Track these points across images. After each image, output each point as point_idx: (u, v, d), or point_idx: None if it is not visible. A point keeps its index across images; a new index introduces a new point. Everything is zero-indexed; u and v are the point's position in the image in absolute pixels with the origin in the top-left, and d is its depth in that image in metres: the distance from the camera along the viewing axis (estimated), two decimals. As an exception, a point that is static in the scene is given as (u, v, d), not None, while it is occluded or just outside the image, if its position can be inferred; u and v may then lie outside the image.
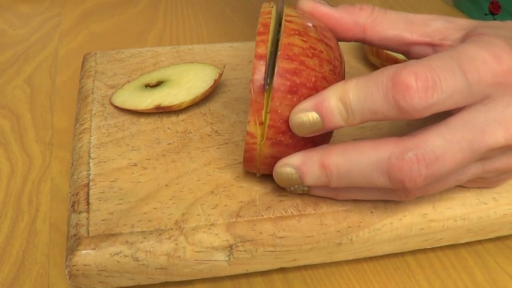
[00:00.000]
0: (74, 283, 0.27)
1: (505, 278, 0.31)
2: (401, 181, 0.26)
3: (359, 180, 0.27)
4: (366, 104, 0.26)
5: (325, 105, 0.27)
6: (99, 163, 0.32)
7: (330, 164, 0.27)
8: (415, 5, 0.63)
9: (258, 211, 0.29)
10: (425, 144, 0.26)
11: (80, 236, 0.28)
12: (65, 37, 0.55)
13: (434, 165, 0.26)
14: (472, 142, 0.26)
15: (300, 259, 0.30)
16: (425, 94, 0.25)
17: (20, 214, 0.35)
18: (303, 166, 0.28)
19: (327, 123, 0.27)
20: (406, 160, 0.26)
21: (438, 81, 0.25)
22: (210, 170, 0.32)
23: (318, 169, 0.28)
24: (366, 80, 0.27)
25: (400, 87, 0.25)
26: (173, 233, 0.28)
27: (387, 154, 0.26)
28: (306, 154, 0.28)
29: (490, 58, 0.27)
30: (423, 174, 0.26)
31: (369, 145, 0.27)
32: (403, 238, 0.30)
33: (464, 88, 0.26)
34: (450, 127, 0.27)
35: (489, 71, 0.27)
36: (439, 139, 0.26)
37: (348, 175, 0.27)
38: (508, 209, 0.31)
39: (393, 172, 0.26)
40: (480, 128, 0.27)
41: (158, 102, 0.36)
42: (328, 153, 0.28)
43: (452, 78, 0.26)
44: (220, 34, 0.56)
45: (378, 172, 0.26)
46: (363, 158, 0.27)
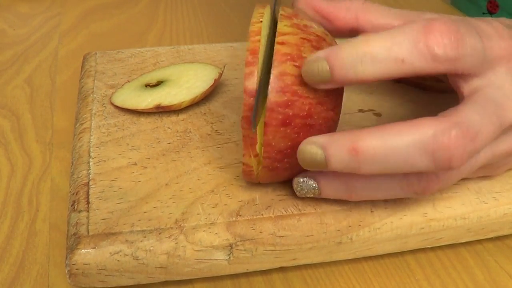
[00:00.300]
0: (74, 282, 0.27)
1: (505, 277, 0.31)
2: (448, 159, 0.25)
3: (397, 164, 0.25)
4: (393, 51, 0.25)
5: (339, 53, 0.26)
6: (99, 162, 0.32)
7: (364, 148, 0.25)
8: (413, 3, 0.63)
9: (258, 210, 0.29)
10: (466, 119, 0.25)
11: (80, 235, 0.28)
12: (65, 37, 0.55)
13: (477, 139, 0.25)
14: (499, 116, 0.27)
15: (300, 259, 0.30)
16: (456, 44, 0.26)
17: (20, 214, 0.35)
18: (330, 146, 0.26)
19: (337, 73, 0.26)
20: (454, 136, 0.25)
21: (464, 36, 0.26)
22: (210, 169, 0.32)
23: (347, 154, 0.26)
24: (390, 31, 0.26)
25: (434, 34, 0.25)
26: (173, 232, 0.28)
27: (430, 132, 0.25)
28: (334, 135, 0.27)
29: (494, 32, 0.28)
30: (468, 150, 0.25)
31: (408, 124, 0.25)
32: (403, 238, 0.30)
33: (480, 50, 0.27)
34: (479, 103, 0.27)
35: (496, 43, 0.28)
36: (474, 113, 0.26)
37: (385, 159, 0.25)
38: (508, 209, 0.31)
39: (440, 151, 0.25)
40: (500, 103, 0.27)
41: (158, 101, 0.36)
42: (359, 136, 0.26)
43: (474, 38, 0.27)
44: (220, 34, 0.56)
45: (421, 153, 0.25)
46: (402, 139, 0.25)
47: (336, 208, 0.30)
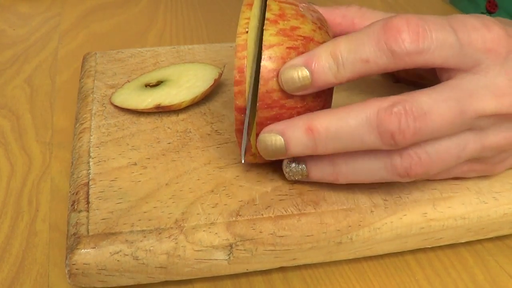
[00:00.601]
0: (74, 282, 0.27)
1: (505, 277, 0.31)
2: (391, 135, 0.26)
3: (349, 141, 0.27)
4: (358, 53, 0.27)
5: (315, 59, 0.27)
6: (99, 162, 0.32)
7: (317, 125, 0.27)
8: (413, 2, 0.63)
9: (258, 210, 0.29)
10: (412, 99, 0.26)
11: (80, 235, 0.28)
12: (65, 37, 0.55)
13: (422, 118, 0.26)
14: (459, 101, 0.27)
15: (300, 258, 0.30)
16: (416, 37, 0.26)
17: (20, 214, 0.35)
18: (287, 130, 0.28)
19: (316, 78, 0.27)
20: (394, 112, 0.26)
21: (429, 30, 0.26)
22: (210, 169, 0.32)
23: (304, 134, 0.28)
24: (356, 33, 0.27)
25: (392, 31, 0.26)
26: (173, 232, 0.28)
27: (375, 109, 0.26)
28: (290, 120, 0.28)
29: (480, 26, 0.28)
30: (411, 126, 0.26)
31: (357, 105, 0.27)
32: (403, 237, 0.30)
33: (454, 43, 0.27)
34: (437, 90, 0.27)
35: (480, 36, 0.28)
36: (425, 96, 0.27)
37: (337, 136, 0.27)
38: (508, 209, 0.31)
39: (383, 126, 0.26)
40: (468, 93, 0.27)
41: (158, 101, 0.36)
42: (314, 117, 0.28)
43: (443, 31, 0.27)
44: (220, 34, 0.56)
45: (368, 129, 0.26)
46: (351, 116, 0.27)
47: (336, 208, 0.30)
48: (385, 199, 0.30)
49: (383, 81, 0.41)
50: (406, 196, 0.31)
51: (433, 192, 0.31)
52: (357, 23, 0.32)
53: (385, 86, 0.41)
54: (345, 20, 0.32)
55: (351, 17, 0.32)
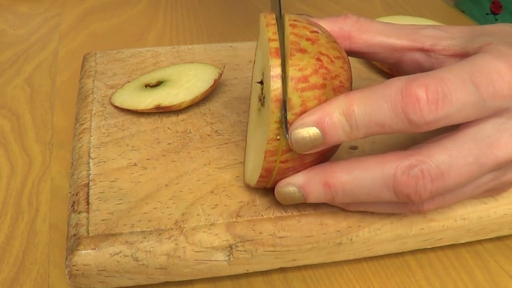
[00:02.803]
0: (74, 283, 0.27)
1: (505, 278, 0.31)
2: (407, 196, 0.26)
3: (365, 197, 0.27)
4: (373, 117, 0.25)
5: (327, 120, 0.26)
6: (99, 163, 0.32)
7: (335, 182, 0.27)
8: (415, 4, 0.63)
9: (258, 211, 0.29)
10: (430, 160, 0.26)
11: (80, 236, 0.28)
12: (65, 37, 0.55)
13: (439, 180, 0.26)
14: (479, 156, 0.26)
15: (300, 259, 0.30)
16: (435, 106, 0.25)
17: (20, 214, 0.35)
18: (307, 185, 0.28)
19: (329, 138, 0.26)
20: (411, 176, 0.25)
21: (449, 94, 0.25)
22: (210, 170, 0.32)
23: (322, 188, 0.27)
24: (372, 92, 0.26)
25: (410, 99, 0.25)
26: (173, 233, 0.28)
27: (392, 171, 0.26)
28: (309, 173, 0.28)
29: (506, 69, 0.26)
30: (428, 189, 0.26)
31: (374, 161, 0.26)
32: (403, 238, 0.30)
33: (476, 101, 0.25)
34: (457, 142, 0.26)
35: (506, 84, 0.26)
36: (444, 154, 0.26)
37: (353, 192, 0.27)
38: (508, 209, 0.31)
39: (399, 188, 0.26)
40: (489, 142, 0.26)
41: (158, 102, 0.36)
42: (331, 172, 0.27)
43: (463, 91, 0.25)
44: (220, 34, 0.56)
45: (384, 188, 0.26)
46: (368, 174, 0.26)
47: (336, 209, 0.30)
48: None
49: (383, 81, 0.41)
50: (406, 197, 0.31)
51: (433, 192, 0.31)
52: (354, 36, 0.31)
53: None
54: (342, 34, 0.31)
55: (348, 30, 0.31)
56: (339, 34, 0.31)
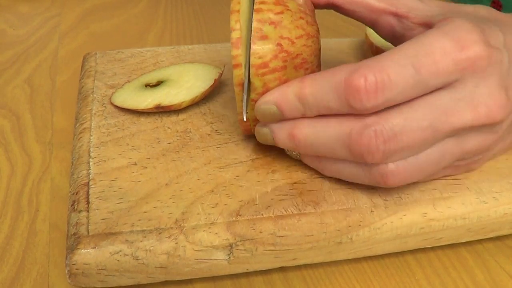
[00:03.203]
0: (74, 282, 0.27)
1: (505, 277, 0.31)
2: (361, 154, 0.28)
3: (324, 151, 0.29)
4: (321, 101, 0.28)
5: (283, 100, 0.29)
6: (99, 162, 0.32)
7: (298, 134, 0.30)
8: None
9: (258, 210, 0.29)
10: (385, 122, 0.27)
11: (80, 235, 0.28)
12: (65, 37, 0.55)
13: (392, 141, 0.27)
14: (434, 122, 0.27)
15: (300, 258, 0.30)
16: (374, 95, 0.27)
17: (20, 214, 0.35)
18: (276, 131, 0.31)
19: (286, 115, 0.30)
20: (365, 135, 0.27)
21: (388, 82, 0.27)
22: (210, 169, 0.32)
23: (287, 138, 0.30)
24: (322, 78, 0.28)
25: (351, 89, 0.27)
26: (173, 232, 0.28)
27: (348, 130, 0.28)
28: (279, 123, 0.31)
29: (453, 46, 0.27)
30: (381, 149, 0.27)
31: (335, 119, 0.29)
32: (403, 237, 0.30)
33: (416, 83, 0.27)
34: (413, 107, 0.28)
35: (451, 61, 0.27)
36: (399, 117, 0.27)
37: (313, 145, 0.29)
38: (508, 208, 0.31)
39: (353, 146, 0.28)
40: (444, 109, 0.28)
41: (158, 101, 0.36)
42: (296, 124, 0.30)
43: (401, 76, 0.27)
44: (220, 34, 0.56)
45: (340, 145, 0.28)
46: (328, 130, 0.29)
47: (336, 208, 0.30)
48: (385, 199, 0.30)
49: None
50: (406, 196, 0.31)
51: (433, 192, 0.31)
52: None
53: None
54: None
55: None
56: None
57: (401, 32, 0.33)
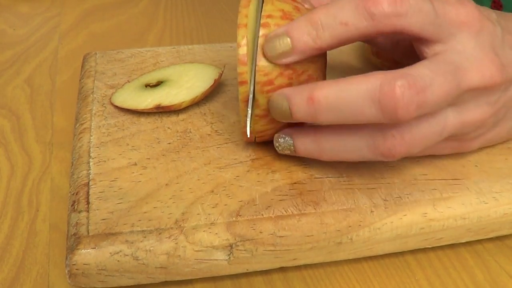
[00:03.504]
0: (74, 283, 0.27)
1: (505, 278, 0.31)
2: (394, 108, 0.26)
3: (349, 113, 0.27)
4: (337, 17, 0.27)
5: (294, 26, 0.28)
6: (99, 163, 0.32)
7: (319, 95, 0.27)
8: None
9: (258, 210, 0.29)
10: (415, 72, 0.26)
11: (80, 235, 0.28)
12: (65, 37, 0.55)
13: (425, 92, 0.26)
14: (455, 75, 0.28)
15: (300, 259, 0.30)
16: (394, 1, 0.26)
17: (20, 214, 0.35)
18: (292, 97, 0.28)
19: (296, 43, 0.28)
20: (398, 86, 0.26)
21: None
22: (210, 169, 0.32)
23: (305, 103, 0.28)
24: (335, 1, 0.28)
25: None
26: (173, 232, 0.28)
27: (378, 82, 0.26)
28: (298, 87, 0.29)
29: (455, 1, 0.29)
30: (415, 100, 0.26)
31: (359, 76, 0.27)
32: (403, 238, 0.30)
33: (430, 11, 0.28)
34: (434, 61, 0.28)
35: (454, 9, 0.29)
36: (426, 69, 0.27)
37: (337, 106, 0.27)
38: (508, 209, 0.31)
39: (385, 100, 0.26)
40: (461, 66, 0.28)
41: (158, 101, 0.36)
42: (317, 86, 0.28)
43: (422, 2, 0.27)
44: (220, 34, 0.56)
45: (369, 102, 0.26)
46: (353, 87, 0.27)
47: (336, 208, 0.30)
48: (385, 199, 0.30)
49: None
50: (406, 196, 0.31)
51: (433, 192, 0.31)
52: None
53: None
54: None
55: None
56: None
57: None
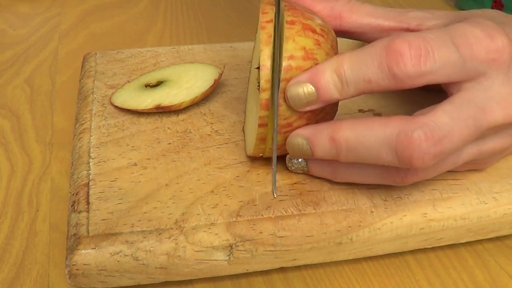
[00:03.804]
0: (74, 283, 0.27)
1: (505, 278, 0.31)
2: (409, 158, 0.26)
3: (367, 156, 0.28)
4: (361, 73, 0.27)
5: (319, 76, 0.28)
6: (99, 163, 0.32)
7: (340, 137, 0.28)
8: (415, 5, 0.63)
9: (258, 210, 0.29)
10: (433, 122, 0.26)
11: (80, 236, 0.28)
12: (65, 37, 0.55)
13: (442, 142, 0.26)
14: (476, 119, 0.27)
15: (300, 259, 0.30)
16: (418, 61, 0.26)
17: (20, 214, 0.35)
18: (314, 138, 0.29)
19: (322, 94, 0.28)
20: (415, 137, 0.26)
21: (431, 51, 0.26)
22: (210, 169, 0.32)
23: (328, 142, 0.28)
24: (360, 51, 0.27)
25: (394, 54, 0.26)
26: (173, 233, 0.28)
27: (395, 131, 0.26)
28: (317, 126, 0.29)
29: (483, 35, 0.27)
30: (432, 152, 0.26)
31: (378, 121, 0.27)
32: (403, 238, 0.30)
33: (457, 60, 0.27)
34: (455, 105, 0.27)
35: (483, 47, 0.27)
36: (446, 116, 0.26)
37: (357, 149, 0.28)
38: (508, 209, 0.31)
39: (401, 149, 0.26)
40: (482, 106, 0.27)
41: (158, 102, 0.36)
42: (338, 127, 0.28)
43: (445, 50, 0.26)
44: (220, 34, 0.56)
45: (386, 148, 0.27)
46: (372, 133, 0.27)
47: (336, 208, 0.30)
48: (385, 200, 0.30)
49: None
50: (406, 197, 0.31)
51: (433, 192, 0.31)
52: (345, 16, 0.32)
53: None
54: (333, 13, 0.32)
55: (339, 10, 0.32)
56: (330, 13, 0.33)
57: None
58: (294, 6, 0.31)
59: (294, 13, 0.30)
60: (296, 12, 0.30)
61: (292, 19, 0.30)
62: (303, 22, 0.30)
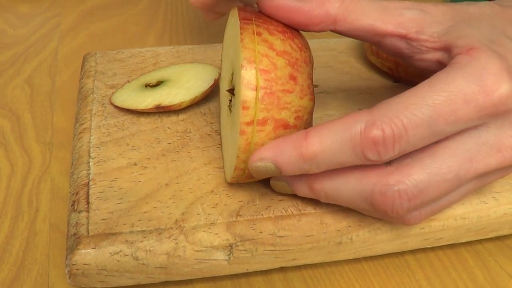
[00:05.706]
0: (74, 283, 0.27)
1: (505, 278, 0.31)
2: (385, 212, 0.27)
3: (347, 204, 0.28)
4: (334, 158, 0.26)
5: (284, 160, 0.27)
6: (99, 163, 0.32)
7: (319, 188, 0.28)
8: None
9: (258, 210, 0.29)
10: (408, 179, 0.26)
11: (80, 235, 0.28)
12: (65, 37, 0.55)
13: (417, 198, 0.26)
14: (458, 172, 0.26)
15: (300, 259, 0.30)
16: (392, 147, 0.25)
17: (20, 214, 0.35)
18: (292, 181, 0.29)
19: (286, 172, 0.27)
20: (388, 196, 0.26)
21: (405, 134, 0.25)
22: (210, 169, 0.32)
23: (308, 190, 0.29)
24: (331, 132, 0.26)
25: (367, 142, 0.25)
26: (173, 232, 0.28)
27: (371, 187, 0.26)
28: (295, 178, 0.29)
29: (476, 92, 0.25)
30: (405, 207, 0.26)
31: (354, 174, 0.27)
32: (403, 238, 0.30)
33: (434, 134, 0.26)
34: (436, 158, 0.26)
35: (474, 108, 0.25)
36: (423, 172, 0.26)
37: (336, 198, 0.28)
38: (508, 209, 0.31)
39: (377, 204, 0.26)
40: (468, 156, 0.26)
41: (158, 101, 0.36)
42: (316, 179, 0.28)
43: (419, 128, 0.25)
44: (220, 34, 0.56)
45: (363, 201, 0.27)
46: (348, 187, 0.27)
47: (336, 208, 0.30)
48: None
49: (383, 81, 0.41)
50: (406, 196, 0.31)
51: (433, 192, 0.31)
52: (340, 20, 0.30)
53: (384, 87, 0.41)
54: (327, 18, 0.30)
55: (334, 13, 0.30)
56: (324, 18, 0.30)
57: (409, 54, 0.30)
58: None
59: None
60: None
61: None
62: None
